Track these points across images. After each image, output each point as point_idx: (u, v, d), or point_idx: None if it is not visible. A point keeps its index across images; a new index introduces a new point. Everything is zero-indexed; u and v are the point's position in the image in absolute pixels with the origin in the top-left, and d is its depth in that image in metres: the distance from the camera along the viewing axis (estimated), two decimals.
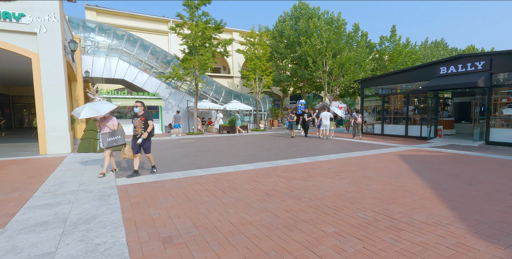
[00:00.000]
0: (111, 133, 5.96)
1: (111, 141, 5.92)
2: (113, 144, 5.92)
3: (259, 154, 8.92)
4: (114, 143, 5.93)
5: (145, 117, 5.76)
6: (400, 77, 13.68)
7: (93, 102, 6.84)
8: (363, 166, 6.87)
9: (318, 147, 10.56)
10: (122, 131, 6.14)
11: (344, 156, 8.40)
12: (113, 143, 5.93)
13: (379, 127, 14.85)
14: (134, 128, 5.81)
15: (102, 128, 6.02)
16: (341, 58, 19.34)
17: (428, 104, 12.70)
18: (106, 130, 5.98)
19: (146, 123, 5.76)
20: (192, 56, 16.97)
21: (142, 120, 5.76)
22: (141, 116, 5.78)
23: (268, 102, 23.72)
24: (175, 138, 14.63)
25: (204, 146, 10.98)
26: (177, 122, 15.93)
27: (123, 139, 6.03)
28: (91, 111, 5.71)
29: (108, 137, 5.91)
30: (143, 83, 18.32)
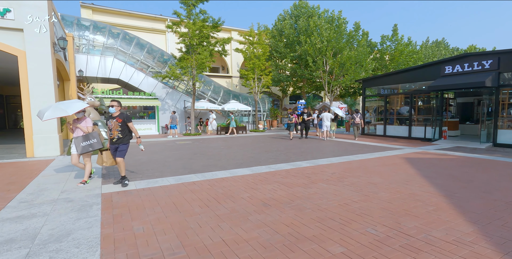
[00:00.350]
0: (85, 136, 5.25)
1: (85, 145, 5.20)
2: (89, 149, 5.20)
3: (257, 157, 8.49)
4: (89, 147, 5.21)
5: (123, 119, 5.12)
6: (403, 76, 13.27)
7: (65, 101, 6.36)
8: (368, 170, 6.44)
9: (319, 149, 10.13)
10: (98, 133, 5.49)
11: (347, 159, 7.98)
12: (88, 148, 5.20)
13: (381, 128, 14.44)
14: (109, 131, 5.15)
15: (74, 130, 5.31)
16: (341, 58, 18.93)
17: (432, 105, 12.29)
18: (79, 133, 5.28)
19: (124, 126, 5.14)
20: (189, 55, 16.54)
21: (119, 122, 5.10)
22: (118, 117, 5.12)
23: (267, 102, 23.30)
24: (171, 140, 14.19)
25: (200, 148, 10.55)
26: (174, 122, 15.52)
27: (99, 142, 5.32)
28: (57, 111, 4.83)
29: (82, 141, 5.19)
30: (139, 82, 17.88)
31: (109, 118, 5.18)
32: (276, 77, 22.76)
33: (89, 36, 16.69)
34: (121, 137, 5.15)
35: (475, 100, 15.99)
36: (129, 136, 5.32)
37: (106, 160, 5.47)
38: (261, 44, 19.22)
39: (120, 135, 5.13)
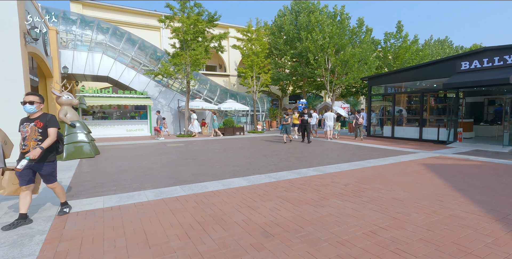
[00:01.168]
0: None
1: None
2: None
3: (255, 163, 7.46)
4: None
5: (44, 122, 3.43)
6: (413, 74, 12.28)
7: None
8: (386, 181, 5.43)
9: (325, 153, 9.12)
10: (2, 144, 3.76)
11: (358, 165, 6.96)
12: None
13: (388, 129, 13.45)
14: (23, 142, 3.39)
15: None
16: (344, 55, 17.94)
17: (448, 104, 11.32)
18: None
19: (45, 132, 3.44)
20: (183, 51, 15.49)
21: (39, 127, 3.41)
22: (37, 120, 3.43)
23: (266, 102, 22.29)
24: (161, 142, 13.13)
25: (192, 152, 9.51)
26: (161, 123, 14.47)
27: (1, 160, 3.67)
28: None
29: None
30: (130, 80, 16.82)
31: (25, 121, 3.46)
32: (275, 75, 21.76)
33: (76, 31, 15.61)
34: None
35: (485, 99, 15.05)
36: (55, 150, 3.62)
37: (5, 186, 3.44)
38: (259, 40, 18.20)
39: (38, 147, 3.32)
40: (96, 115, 16.64)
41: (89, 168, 6.95)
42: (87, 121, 15.72)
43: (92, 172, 6.43)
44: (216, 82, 22.79)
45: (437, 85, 12.81)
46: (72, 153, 8.01)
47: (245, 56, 18.48)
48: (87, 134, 8.57)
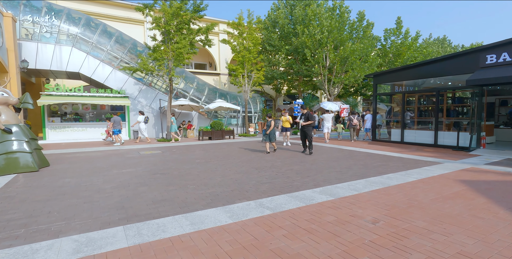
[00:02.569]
0: None
1: None
2: None
3: (243, 180, 5.72)
4: None
5: None
6: (427, 69, 10.73)
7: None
8: (429, 212, 3.75)
9: (329, 164, 7.43)
10: None
11: (378, 183, 5.29)
12: None
13: (397, 133, 11.87)
14: None
15: None
16: (344, 51, 16.37)
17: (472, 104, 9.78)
18: None
19: None
20: (165, 44, 13.68)
21: None
22: None
23: (259, 102, 20.57)
24: (132, 149, 11.28)
25: (166, 163, 7.71)
26: (117, 127, 12.45)
27: None
28: None
29: None
30: (105, 77, 14.91)
31: None
32: (269, 73, 20.07)
33: (41, 20, 13.63)
34: None
35: (496, 99, 13.63)
36: None
37: None
38: (251, 34, 16.50)
39: None
40: (66, 117, 14.66)
41: (15, 189, 5.10)
42: (53, 124, 13.76)
43: (12, 198, 4.58)
44: (206, 81, 21.01)
45: (451, 83, 11.30)
46: (3, 167, 6.13)
47: (235, 52, 16.75)
48: (29, 142, 6.70)
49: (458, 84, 10.92)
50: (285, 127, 11.69)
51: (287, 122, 11.63)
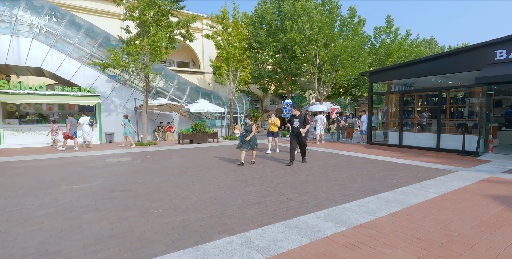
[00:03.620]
0: None
1: None
2: None
3: (225, 200, 4.50)
4: None
5: None
6: (428, 67, 9.87)
7: None
8: (480, 251, 2.68)
9: (329, 174, 6.32)
10: None
11: (393, 201, 4.21)
12: None
13: (395, 136, 10.98)
14: None
15: None
16: (335, 48, 15.44)
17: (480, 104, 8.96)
18: None
19: None
20: (140, 37, 12.25)
21: None
22: None
23: (245, 102, 19.36)
24: (98, 156, 9.82)
25: (132, 175, 6.37)
26: (73, 129, 10.97)
27: None
28: None
29: None
30: (72, 74, 13.28)
31: None
32: (256, 72, 18.90)
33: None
34: None
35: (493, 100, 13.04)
36: None
37: None
38: (237, 28, 15.29)
39: None
40: (26, 118, 12.93)
41: None
42: (10, 126, 12.03)
43: None
44: (189, 80, 19.60)
45: (452, 81, 10.51)
46: None
47: (219, 48, 15.49)
48: None
49: (460, 82, 10.13)
50: (271, 132, 9.93)
51: (273, 126, 9.87)
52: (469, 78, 9.30)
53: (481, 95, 8.89)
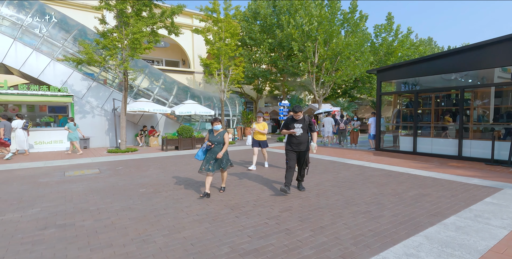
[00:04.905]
0: None
1: None
2: None
3: (205, 244, 3.03)
4: None
5: None
6: (448, 62, 8.61)
7: None
8: None
9: (345, 194, 4.91)
10: None
11: (451, 244, 2.83)
12: None
13: (408, 141, 9.69)
14: None
15: None
16: (337, 45, 14.16)
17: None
18: None
19: None
20: (118, 29, 10.74)
21: None
22: None
23: (238, 103, 17.93)
24: (68, 165, 8.25)
25: (87, 198, 4.85)
26: (7, 134, 9.21)
27: None
28: None
29: None
30: (40, 71, 11.68)
31: None
32: (249, 71, 17.50)
33: None
34: None
35: None
36: None
37: None
38: (229, 22, 13.89)
39: None
40: None
41: None
42: None
43: None
44: (179, 80, 18.10)
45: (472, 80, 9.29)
46: None
47: (209, 43, 14.06)
48: None
49: (482, 79, 8.90)
50: (257, 141, 7.19)
51: (259, 135, 7.15)
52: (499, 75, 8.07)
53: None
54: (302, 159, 4.97)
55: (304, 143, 4.87)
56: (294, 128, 4.86)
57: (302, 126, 4.85)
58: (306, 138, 4.90)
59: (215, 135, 4.76)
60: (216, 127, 4.77)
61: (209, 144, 4.69)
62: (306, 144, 4.90)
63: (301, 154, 4.94)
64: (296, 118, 4.88)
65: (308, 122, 4.89)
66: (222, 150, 4.67)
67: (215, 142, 4.71)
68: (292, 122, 4.92)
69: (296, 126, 4.87)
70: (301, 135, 4.85)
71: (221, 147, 4.73)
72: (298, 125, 4.86)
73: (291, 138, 4.92)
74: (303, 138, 4.85)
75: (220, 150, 4.69)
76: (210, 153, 4.72)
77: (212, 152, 4.70)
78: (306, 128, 4.89)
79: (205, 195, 4.64)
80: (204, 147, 4.72)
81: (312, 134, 4.98)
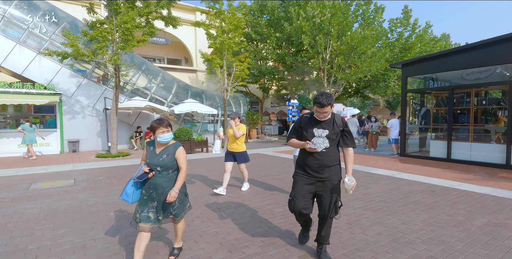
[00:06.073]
0: None
1: None
2: None
3: None
4: None
5: None
6: (493, 53, 7.19)
7: None
8: None
9: (386, 224, 3.58)
10: None
11: None
12: None
13: (440, 146, 8.29)
14: None
15: None
16: (352, 38, 12.81)
17: None
18: None
19: None
20: (109, 19, 9.59)
21: None
22: None
23: (243, 103, 16.68)
24: (44, 174, 7.07)
25: (38, 223, 3.62)
26: None
27: None
28: None
29: None
30: (25, 66, 10.61)
31: None
32: (255, 68, 16.24)
33: None
34: None
35: None
36: None
37: None
38: (233, 14, 12.66)
39: None
40: None
41: None
42: None
43: None
44: (181, 78, 16.93)
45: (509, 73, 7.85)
46: None
47: (211, 37, 12.84)
48: None
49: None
50: (231, 152, 4.91)
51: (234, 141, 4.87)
52: None
53: None
54: (324, 199, 2.55)
55: (332, 167, 2.56)
56: (314, 136, 2.54)
57: (329, 134, 2.52)
58: (336, 158, 2.59)
59: (158, 153, 2.48)
60: (161, 137, 2.44)
61: (146, 171, 2.48)
62: (335, 170, 2.58)
63: (323, 187, 2.55)
64: (320, 118, 2.51)
65: (341, 127, 2.57)
66: (175, 185, 2.42)
67: (158, 166, 2.46)
68: (311, 125, 2.57)
69: (317, 133, 2.54)
70: (327, 152, 2.53)
71: (170, 177, 2.48)
72: (322, 131, 2.53)
73: (307, 156, 2.59)
74: (329, 158, 2.54)
75: (168, 183, 2.46)
76: (148, 189, 2.48)
77: (153, 187, 2.46)
78: (336, 139, 2.57)
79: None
80: (135, 178, 2.50)
81: (347, 152, 2.60)
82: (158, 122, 2.45)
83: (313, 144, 2.51)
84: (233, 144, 4.87)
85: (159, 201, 2.45)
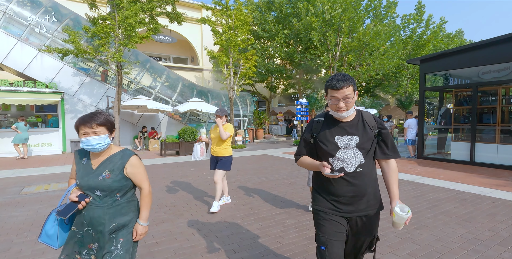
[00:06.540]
0: None
1: None
2: None
3: None
4: None
5: None
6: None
7: None
8: None
9: (421, 244, 3.07)
10: None
11: None
12: None
13: (463, 148, 7.69)
14: None
15: None
16: (364, 34, 12.23)
17: None
18: None
19: None
20: (111, 14, 9.25)
21: None
22: None
23: (249, 102, 16.23)
24: (37, 177, 6.74)
25: (11, 239, 3.22)
26: None
27: None
28: None
29: None
30: (26, 64, 10.37)
31: None
32: (262, 66, 15.76)
33: None
34: None
35: None
36: None
37: None
38: (240, 9, 12.22)
39: None
40: None
41: None
42: None
43: None
44: (187, 77, 16.57)
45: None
46: None
47: (217, 34, 12.42)
48: None
49: None
50: (215, 157, 4.09)
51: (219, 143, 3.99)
52: None
53: None
54: (358, 239, 1.69)
55: (368, 196, 1.61)
56: (338, 149, 1.58)
57: (360, 142, 1.58)
58: (374, 178, 1.66)
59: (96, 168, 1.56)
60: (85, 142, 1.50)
61: (74, 200, 1.50)
62: (374, 197, 1.65)
63: (360, 224, 1.63)
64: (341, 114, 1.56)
65: (376, 130, 1.62)
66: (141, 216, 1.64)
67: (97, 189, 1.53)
68: (329, 131, 1.62)
69: (342, 142, 1.59)
70: (363, 171, 1.59)
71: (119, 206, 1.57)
72: (349, 139, 1.59)
73: (333, 179, 1.58)
74: (367, 180, 1.61)
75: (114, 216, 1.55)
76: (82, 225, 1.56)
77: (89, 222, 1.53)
78: (372, 148, 1.61)
79: None
80: (58, 212, 1.49)
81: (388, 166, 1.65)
82: (83, 118, 1.51)
83: (338, 160, 1.56)
84: (217, 147, 3.98)
85: (102, 242, 1.51)
